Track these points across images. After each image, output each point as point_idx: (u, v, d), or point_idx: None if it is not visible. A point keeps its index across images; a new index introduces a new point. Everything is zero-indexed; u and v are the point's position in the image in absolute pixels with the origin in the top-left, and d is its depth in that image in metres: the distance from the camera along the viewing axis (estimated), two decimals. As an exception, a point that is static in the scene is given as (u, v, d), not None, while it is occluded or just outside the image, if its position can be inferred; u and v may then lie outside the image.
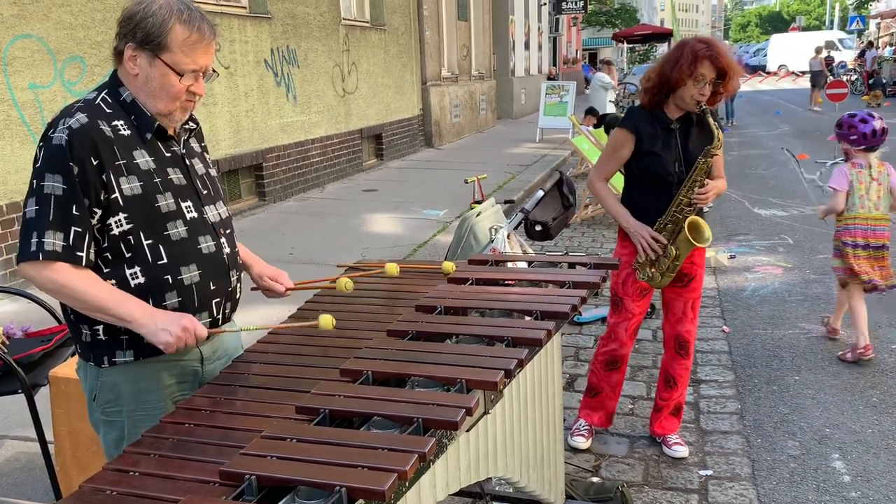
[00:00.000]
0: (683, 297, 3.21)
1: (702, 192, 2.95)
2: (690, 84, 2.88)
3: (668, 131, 3.01)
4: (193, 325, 1.77)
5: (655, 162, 3.00)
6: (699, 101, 2.91)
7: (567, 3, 25.95)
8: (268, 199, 8.63)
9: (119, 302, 1.73)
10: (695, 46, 2.88)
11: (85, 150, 1.70)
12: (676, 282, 3.16)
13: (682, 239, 2.98)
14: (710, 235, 3.02)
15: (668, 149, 3.00)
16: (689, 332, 3.24)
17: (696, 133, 3.02)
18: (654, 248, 3.01)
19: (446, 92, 14.47)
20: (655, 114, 3.03)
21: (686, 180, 2.96)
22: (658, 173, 3.00)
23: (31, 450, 3.17)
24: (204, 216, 1.90)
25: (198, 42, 1.77)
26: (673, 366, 3.28)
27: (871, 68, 25.34)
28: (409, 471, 1.29)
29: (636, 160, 3.06)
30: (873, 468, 3.18)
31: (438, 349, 1.85)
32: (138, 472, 1.42)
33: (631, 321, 3.22)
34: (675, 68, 2.89)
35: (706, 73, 2.87)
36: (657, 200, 3.02)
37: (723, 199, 9.04)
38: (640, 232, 3.02)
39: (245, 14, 8.33)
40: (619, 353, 3.27)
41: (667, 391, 3.31)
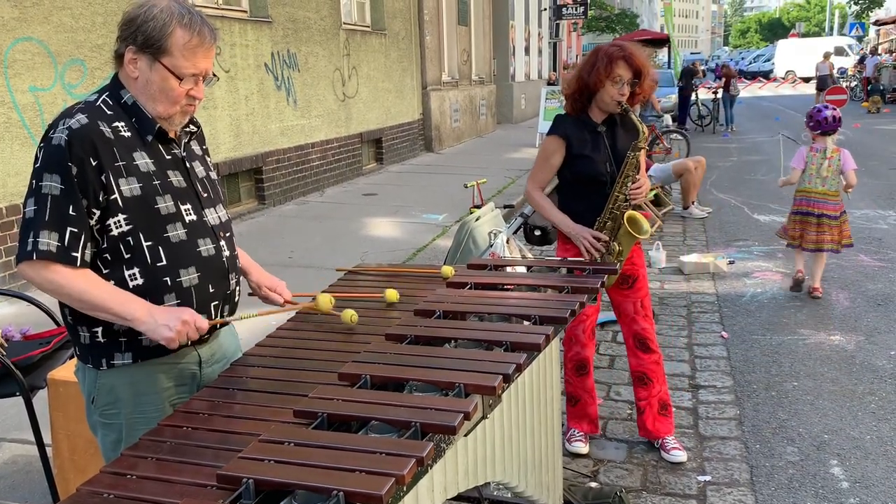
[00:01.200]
0: (631, 298, 3.28)
1: (636, 187, 3.07)
2: (609, 85, 3.00)
3: (595, 134, 3.12)
4: (193, 318, 1.77)
5: (587, 164, 3.09)
6: (619, 101, 3.02)
7: (567, 9, 26.01)
8: (267, 202, 8.64)
9: (118, 300, 1.73)
10: (609, 50, 3.03)
11: (84, 151, 1.70)
12: (622, 285, 3.26)
13: (623, 233, 3.08)
14: (649, 227, 3.12)
15: (598, 150, 3.10)
16: (645, 328, 3.30)
17: (622, 133, 3.13)
18: (596, 247, 3.09)
19: (446, 96, 14.49)
20: (581, 119, 3.14)
21: (619, 177, 3.06)
22: (590, 175, 3.09)
23: (28, 453, 3.17)
24: (204, 219, 1.90)
25: (198, 46, 1.78)
26: (640, 363, 3.32)
27: (871, 74, 25.40)
28: (406, 475, 1.29)
29: (568, 165, 3.15)
30: (872, 474, 3.17)
31: (437, 353, 1.85)
32: (136, 475, 1.41)
33: (586, 322, 3.31)
34: (591, 72, 3.02)
35: (622, 73, 2.99)
36: (593, 202, 3.11)
37: (722, 204, 9.06)
38: (582, 233, 3.10)
39: (246, 18, 8.35)
40: (583, 356, 3.34)
41: (642, 390, 3.33)
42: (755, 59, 51.49)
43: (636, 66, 3.00)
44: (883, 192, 9.49)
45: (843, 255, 6.06)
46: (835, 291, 5.62)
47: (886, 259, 6.45)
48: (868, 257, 6.52)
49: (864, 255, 6.56)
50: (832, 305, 5.32)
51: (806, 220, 5.22)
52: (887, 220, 7.98)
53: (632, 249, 3.18)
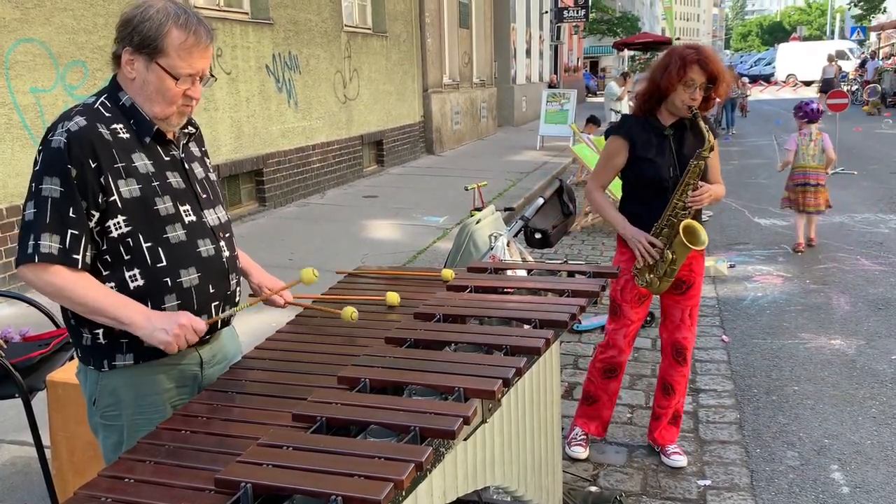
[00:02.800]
0: (681, 305, 3.21)
1: (696, 195, 2.96)
2: (681, 89, 2.91)
3: (661, 137, 3.03)
4: (190, 321, 1.76)
5: (650, 168, 3.02)
6: (690, 105, 2.93)
7: (568, 12, 26.03)
8: (268, 204, 8.64)
9: (116, 304, 1.73)
10: (683, 52, 2.93)
11: (83, 153, 1.70)
12: (675, 289, 3.17)
13: (678, 242, 2.99)
14: (706, 238, 3.03)
15: (663, 154, 3.02)
16: (687, 338, 3.24)
17: (690, 138, 3.04)
18: (651, 252, 3.02)
19: (447, 99, 14.49)
20: (649, 121, 3.05)
21: (679, 184, 2.98)
22: (653, 179, 3.02)
23: (27, 454, 3.16)
24: (203, 220, 1.90)
25: (194, 46, 1.77)
26: (671, 373, 3.28)
27: (871, 78, 25.44)
28: (405, 480, 1.28)
29: (631, 167, 3.08)
30: (872, 479, 3.17)
31: (436, 357, 1.85)
32: (133, 478, 1.41)
33: (629, 328, 3.23)
34: (664, 75, 2.92)
35: (696, 77, 2.90)
36: (653, 207, 3.03)
37: (723, 208, 9.05)
38: (638, 237, 3.03)
39: (247, 20, 8.35)
40: (617, 361, 3.27)
41: (665, 399, 3.30)
42: (756, 63, 51.51)
43: (711, 71, 2.89)
44: (884, 197, 9.49)
45: (844, 258, 6.48)
46: (836, 295, 5.62)
47: (887, 263, 6.44)
48: (869, 261, 6.51)
49: (865, 259, 6.56)
50: (833, 309, 5.32)
51: (805, 189, 6.65)
52: (888, 224, 7.97)
53: (692, 256, 3.08)
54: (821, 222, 7.48)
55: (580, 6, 26.37)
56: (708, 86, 2.93)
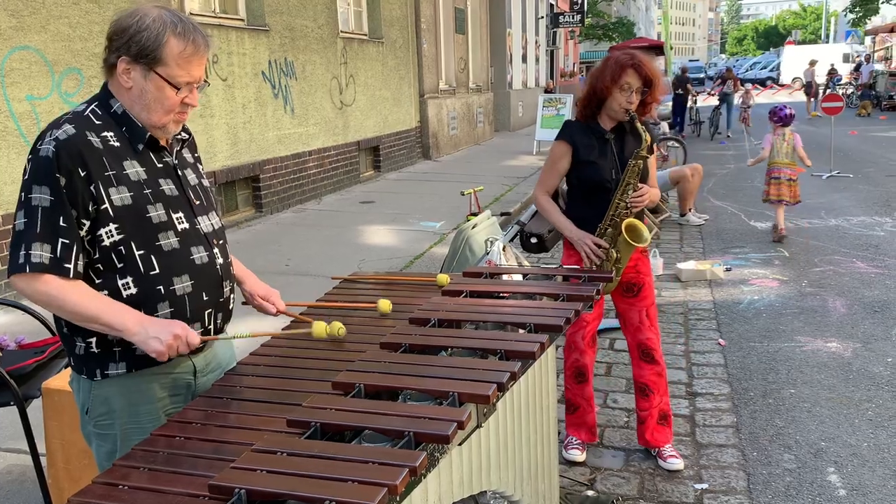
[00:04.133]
0: (636, 307, 3.27)
1: (636, 195, 3.06)
2: (617, 93, 3.01)
3: (603, 141, 3.12)
4: (185, 332, 1.76)
5: (593, 170, 3.10)
6: (627, 109, 3.02)
7: (564, 17, 26.09)
8: (264, 210, 8.64)
9: (110, 311, 1.72)
10: (619, 57, 3.03)
11: (72, 161, 1.69)
12: (626, 293, 3.24)
13: (621, 241, 3.06)
14: (649, 236, 3.09)
15: (605, 157, 3.10)
16: (650, 339, 3.28)
17: (630, 141, 3.13)
18: (597, 253, 3.08)
19: (444, 104, 14.52)
20: (590, 125, 3.15)
21: (620, 184, 3.07)
22: (596, 181, 3.10)
23: (23, 462, 3.16)
24: (196, 227, 1.89)
25: (193, 55, 1.78)
26: (642, 374, 3.31)
27: (866, 82, 25.59)
28: (399, 485, 1.28)
29: (575, 171, 3.17)
30: (869, 482, 3.17)
31: (431, 362, 1.85)
32: (128, 485, 1.41)
33: (586, 329, 3.29)
34: (600, 79, 3.03)
35: (632, 81, 2.99)
36: (598, 208, 3.11)
37: (719, 211, 9.08)
38: (583, 239, 3.11)
39: (243, 26, 8.37)
40: (581, 363, 3.32)
41: (644, 401, 3.32)
42: (752, 67, 51.66)
43: (646, 75, 3.00)
44: (879, 199, 9.52)
45: (840, 261, 6.57)
46: (832, 298, 5.63)
47: (883, 265, 6.46)
48: (865, 264, 6.52)
49: (861, 262, 6.57)
50: (829, 312, 5.33)
51: (780, 182, 7.46)
52: (884, 226, 7.99)
53: (636, 257, 3.17)
54: (817, 225, 7.80)
55: (576, 11, 26.44)
56: (644, 89, 3.03)
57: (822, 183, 11.03)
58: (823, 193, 10.14)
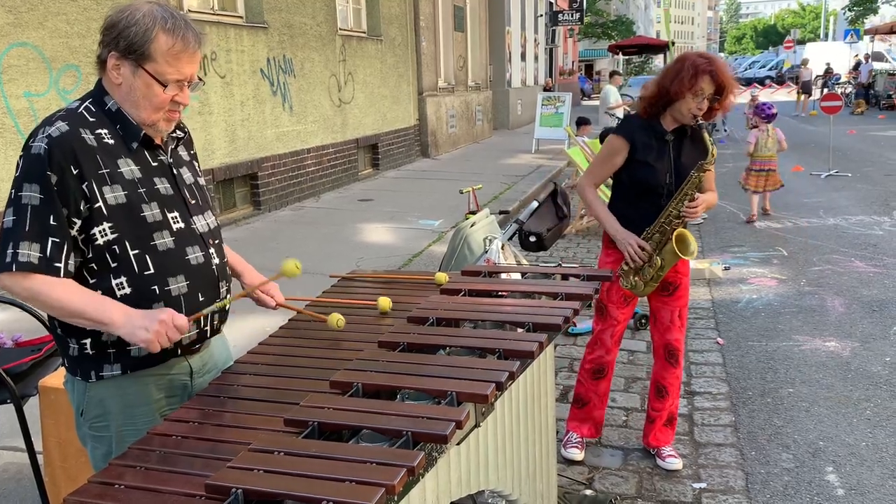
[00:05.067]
0: (670, 307, 3.22)
1: (691, 206, 2.96)
2: (689, 98, 2.90)
3: (662, 142, 3.03)
4: (171, 317, 1.70)
5: (648, 172, 3.01)
6: (696, 115, 2.93)
7: (563, 15, 26.08)
8: (263, 208, 8.62)
9: (95, 306, 1.68)
10: (696, 61, 2.91)
11: (65, 159, 1.66)
12: (662, 291, 3.19)
13: (668, 250, 3.00)
14: (696, 249, 3.03)
15: (661, 160, 3.01)
16: (678, 339, 3.25)
17: (689, 146, 3.04)
18: (640, 256, 3.03)
19: (442, 102, 14.50)
20: (651, 124, 3.05)
21: (677, 193, 2.98)
22: (649, 184, 3.02)
23: (19, 460, 3.15)
24: (192, 226, 1.87)
25: (182, 52, 1.74)
26: (664, 375, 3.28)
27: (865, 81, 25.62)
28: (396, 485, 1.28)
29: (628, 169, 3.07)
30: (867, 481, 3.17)
31: (429, 361, 1.84)
32: (123, 485, 1.40)
33: (616, 328, 3.25)
34: (675, 81, 2.91)
35: (706, 87, 2.89)
36: (644, 211, 3.04)
37: (718, 210, 9.07)
38: (628, 240, 3.04)
39: (241, 23, 8.35)
40: (605, 360, 3.29)
41: (658, 401, 3.31)
42: (750, 66, 51.65)
43: (720, 82, 2.89)
44: (878, 199, 9.52)
45: (839, 261, 6.58)
46: (830, 297, 5.63)
47: (882, 265, 6.46)
48: (863, 263, 6.52)
49: (860, 261, 6.57)
50: (827, 312, 5.32)
51: (761, 174, 8.40)
52: (882, 226, 7.99)
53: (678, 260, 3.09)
54: (815, 224, 7.96)
55: (575, 9, 26.43)
56: (715, 96, 2.92)
57: (821, 182, 11.03)
58: (822, 192, 10.14)
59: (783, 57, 46.55)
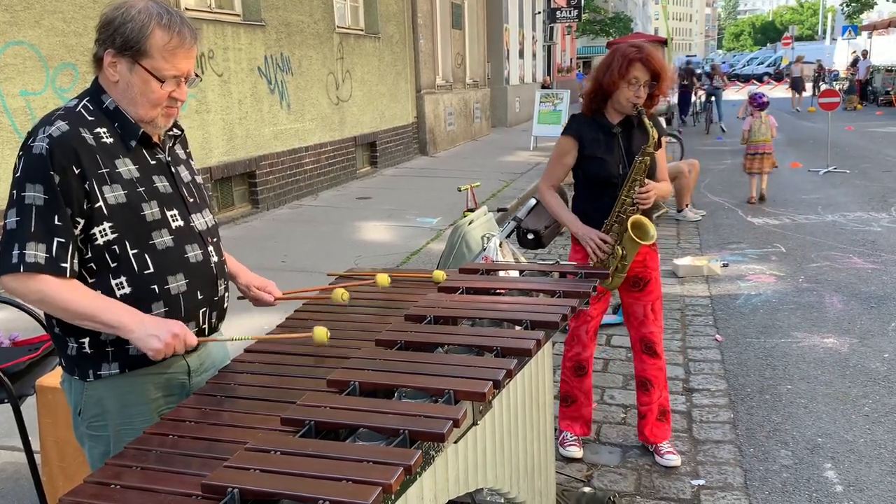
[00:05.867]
0: (642, 301, 3.25)
1: (643, 192, 3.00)
2: (624, 87, 2.97)
3: (610, 135, 3.08)
4: (184, 332, 1.73)
5: (599, 165, 3.07)
6: (635, 103, 2.98)
7: (561, 12, 26.04)
8: (261, 206, 8.61)
9: (106, 308, 1.69)
10: (626, 51, 2.98)
11: (66, 159, 1.66)
12: (633, 287, 3.23)
13: (627, 238, 3.03)
14: (655, 233, 3.05)
15: (612, 152, 3.07)
16: (653, 332, 3.27)
17: (637, 136, 3.09)
18: (603, 248, 3.05)
19: (441, 100, 14.49)
20: (597, 119, 3.11)
21: (626, 180, 3.02)
22: (602, 176, 3.07)
23: (17, 460, 3.14)
24: (191, 224, 1.87)
25: (178, 47, 1.74)
26: (644, 368, 3.30)
27: (863, 78, 25.63)
28: (393, 484, 1.27)
29: (581, 166, 3.14)
30: (866, 478, 3.17)
31: (427, 359, 1.84)
32: (120, 484, 1.39)
33: (590, 323, 3.29)
34: (607, 73, 2.99)
35: (639, 75, 2.95)
36: (603, 204, 3.08)
37: (716, 207, 9.08)
38: (589, 235, 3.08)
39: (239, 21, 8.33)
40: (583, 357, 3.32)
41: (645, 395, 3.32)
42: (749, 62, 51.63)
43: (653, 68, 2.95)
44: (876, 195, 9.52)
45: (837, 257, 6.62)
46: (828, 294, 5.63)
47: (880, 261, 6.46)
48: (861, 259, 6.53)
49: (858, 258, 6.58)
50: (826, 308, 5.32)
51: (756, 157, 9.14)
52: (880, 222, 8.00)
53: (644, 251, 3.14)
54: (813, 221, 8.04)
55: (573, 6, 26.38)
56: (651, 83, 2.98)
57: (819, 178, 11.04)
58: (820, 189, 10.14)
59: (781, 53, 46.56)
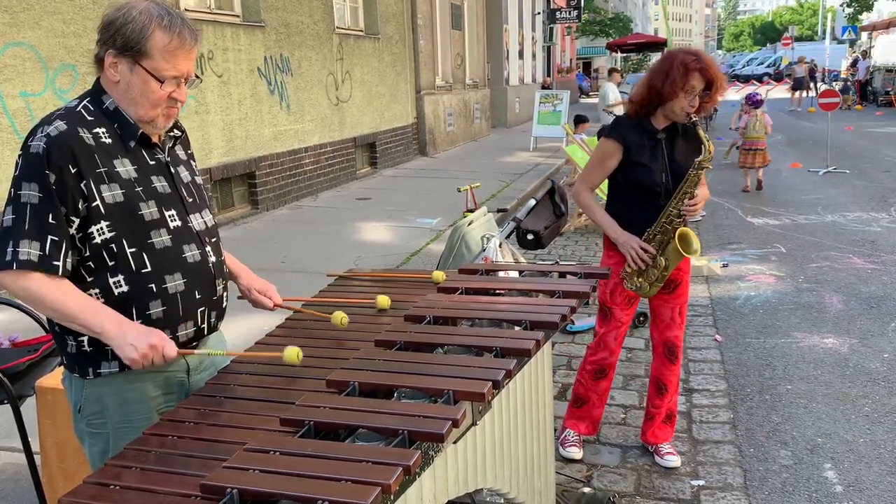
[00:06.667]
0: (671, 304, 3.21)
1: (691, 204, 2.95)
2: (682, 96, 2.89)
3: (654, 141, 3.02)
4: (162, 343, 1.71)
5: (643, 173, 3.00)
6: (689, 112, 2.92)
7: (561, 13, 26.06)
8: (261, 207, 8.62)
9: (90, 312, 1.69)
10: (685, 59, 2.89)
11: (63, 158, 1.68)
12: (664, 289, 3.17)
13: (671, 249, 2.98)
14: (699, 247, 3.02)
15: (656, 160, 3.00)
16: (678, 336, 3.25)
17: (681, 143, 3.03)
18: (643, 258, 3.01)
19: (440, 100, 14.49)
20: (643, 124, 3.03)
21: (676, 192, 2.96)
22: (646, 184, 3.00)
23: (17, 461, 3.14)
24: (189, 224, 1.88)
25: (179, 48, 1.75)
26: (663, 372, 3.28)
27: (863, 78, 25.64)
28: (392, 484, 1.27)
29: (623, 171, 3.06)
30: (865, 478, 3.17)
31: (426, 360, 1.84)
32: (119, 485, 1.39)
33: (620, 330, 3.24)
34: (666, 81, 2.89)
35: (696, 84, 2.88)
36: (643, 211, 3.02)
37: (716, 207, 9.07)
38: (630, 242, 3.02)
39: (238, 22, 8.33)
40: (608, 362, 3.28)
41: (658, 398, 3.30)
42: (748, 63, 51.64)
43: (709, 78, 2.88)
44: (875, 195, 9.52)
45: (837, 257, 6.64)
46: (828, 294, 5.63)
47: (880, 261, 6.46)
48: (861, 260, 6.53)
49: (858, 258, 6.58)
50: (825, 308, 5.32)
51: (751, 153, 9.94)
52: (880, 222, 8.00)
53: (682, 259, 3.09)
54: (813, 221, 8.13)
55: (572, 7, 26.40)
56: (704, 91, 2.92)
57: (819, 179, 11.04)
58: (820, 189, 10.14)
59: (781, 54, 46.58)
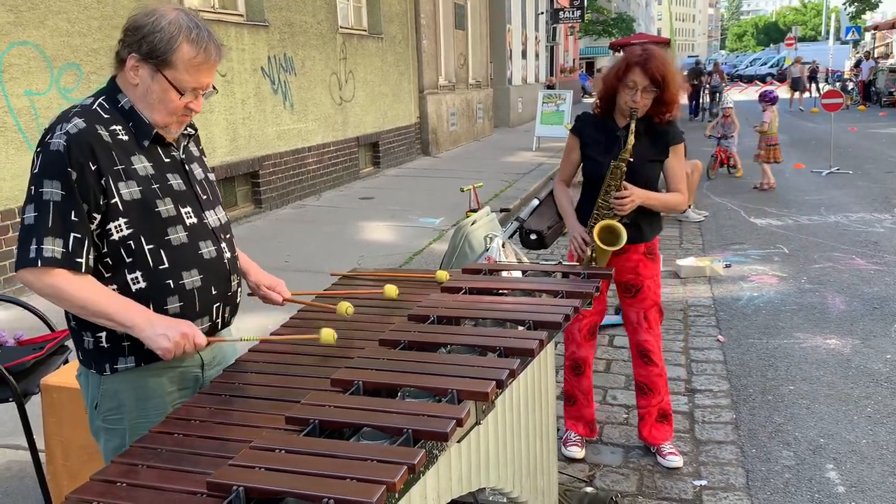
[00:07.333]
0: (634, 308, 3.25)
1: (619, 198, 2.94)
2: (623, 91, 2.95)
3: (612, 138, 3.07)
4: (193, 332, 1.77)
5: (592, 166, 3.09)
6: (632, 107, 2.94)
7: (564, 13, 26.06)
8: (264, 206, 8.63)
9: (119, 307, 1.73)
10: (629, 54, 2.96)
11: (83, 156, 1.70)
12: (625, 293, 3.24)
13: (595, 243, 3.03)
14: (624, 240, 2.94)
15: (608, 154, 3.04)
16: (648, 341, 3.25)
17: (645, 142, 3.03)
18: (582, 248, 3.07)
19: (443, 100, 14.49)
20: (604, 120, 3.12)
21: (602, 185, 3.00)
22: (594, 178, 3.08)
23: (22, 459, 3.16)
24: (204, 221, 1.91)
25: (203, 63, 1.78)
26: (641, 373, 3.31)
27: (867, 79, 25.63)
28: (397, 483, 1.28)
29: (583, 164, 3.17)
30: (868, 478, 3.17)
31: (430, 359, 1.85)
32: (126, 482, 1.40)
33: (583, 322, 3.27)
34: (609, 75, 3.01)
35: (636, 79, 2.91)
36: (594, 204, 3.09)
37: (719, 208, 9.07)
38: (573, 232, 3.13)
39: (242, 22, 8.35)
40: (578, 356, 3.32)
41: (643, 399, 3.32)
42: (752, 63, 51.58)
43: (653, 74, 2.88)
44: (878, 196, 9.51)
45: (839, 258, 6.64)
46: (831, 295, 5.63)
47: (882, 262, 6.46)
48: (864, 260, 6.52)
49: (860, 259, 6.57)
50: (828, 309, 5.32)
51: (771, 148, 10.18)
52: (883, 223, 7.99)
53: (637, 259, 3.14)
54: (816, 222, 8.16)
55: (576, 7, 26.40)
56: (654, 89, 2.92)
57: (822, 179, 11.03)
58: (823, 190, 10.14)
59: (784, 54, 46.52)
